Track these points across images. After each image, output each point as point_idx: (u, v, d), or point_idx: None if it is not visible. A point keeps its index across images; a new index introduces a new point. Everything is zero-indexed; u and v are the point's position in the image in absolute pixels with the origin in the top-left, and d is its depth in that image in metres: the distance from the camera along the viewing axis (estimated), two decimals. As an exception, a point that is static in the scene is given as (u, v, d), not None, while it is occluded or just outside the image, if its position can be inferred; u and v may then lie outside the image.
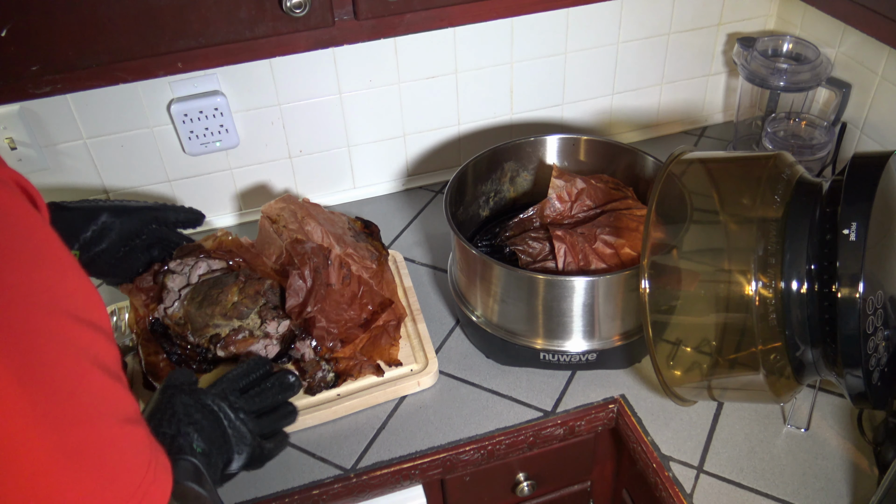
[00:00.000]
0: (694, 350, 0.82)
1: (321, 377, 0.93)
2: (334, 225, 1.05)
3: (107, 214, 0.89)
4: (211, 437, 0.71)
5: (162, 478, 0.49)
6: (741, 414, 0.91)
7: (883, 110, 1.14)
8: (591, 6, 1.22)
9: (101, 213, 0.89)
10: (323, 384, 0.93)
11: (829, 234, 0.71)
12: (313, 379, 0.93)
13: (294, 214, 1.02)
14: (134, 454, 0.47)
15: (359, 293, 0.99)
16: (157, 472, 0.48)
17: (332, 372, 0.94)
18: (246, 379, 0.80)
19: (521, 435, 0.92)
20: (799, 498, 0.81)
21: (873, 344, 0.70)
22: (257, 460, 0.76)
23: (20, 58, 0.76)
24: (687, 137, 1.43)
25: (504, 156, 1.10)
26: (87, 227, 0.88)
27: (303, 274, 0.95)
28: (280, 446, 0.80)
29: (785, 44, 1.23)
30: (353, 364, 0.95)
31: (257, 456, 0.76)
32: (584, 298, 0.89)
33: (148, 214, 0.94)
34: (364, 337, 0.97)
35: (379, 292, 1.01)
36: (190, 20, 0.79)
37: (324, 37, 0.86)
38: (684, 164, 0.84)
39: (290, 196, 1.06)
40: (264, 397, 0.79)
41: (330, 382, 0.93)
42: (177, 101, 1.12)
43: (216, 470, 0.70)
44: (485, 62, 1.24)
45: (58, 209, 0.86)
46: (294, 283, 0.94)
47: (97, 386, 0.45)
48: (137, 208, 0.93)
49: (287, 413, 0.82)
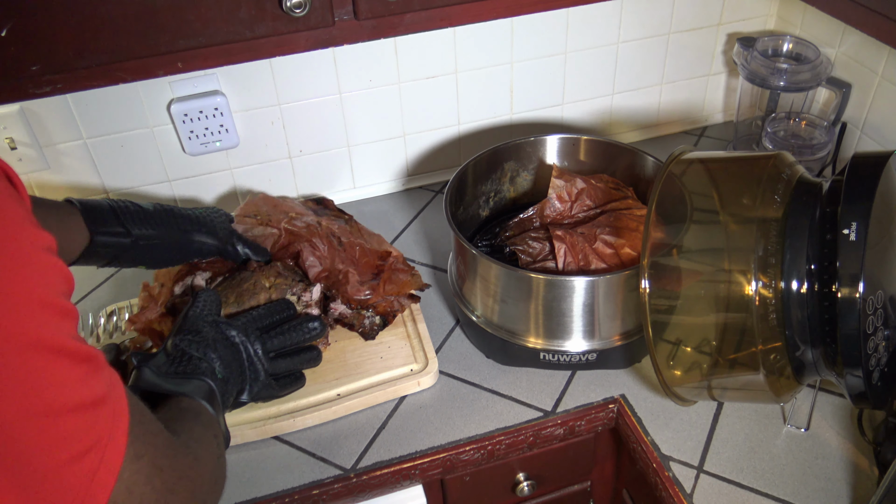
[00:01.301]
0: (694, 350, 0.82)
1: (370, 323, 1.00)
2: (298, 208, 1.10)
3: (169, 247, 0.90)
4: (230, 367, 0.77)
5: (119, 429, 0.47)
6: (741, 414, 0.91)
7: (883, 110, 1.14)
8: (591, 6, 1.22)
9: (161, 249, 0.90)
10: (375, 328, 1.00)
11: (829, 234, 0.71)
12: (364, 327, 0.99)
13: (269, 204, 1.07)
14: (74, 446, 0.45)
15: (356, 254, 1.03)
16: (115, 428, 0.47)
17: (377, 315, 1.00)
18: (270, 318, 0.86)
19: (521, 435, 0.92)
20: (799, 498, 0.81)
21: (873, 344, 0.70)
22: (266, 397, 0.83)
23: (20, 58, 0.76)
24: (687, 137, 1.43)
25: (504, 156, 1.10)
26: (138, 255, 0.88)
27: (313, 244, 0.99)
28: (291, 386, 0.85)
29: (785, 44, 1.23)
30: (390, 302, 1.01)
31: (266, 394, 0.82)
32: (584, 298, 0.89)
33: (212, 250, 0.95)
34: (383, 279, 1.02)
35: (371, 248, 1.05)
36: (190, 20, 0.79)
37: (324, 37, 0.86)
38: (684, 164, 0.84)
39: (251, 199, 1.09)
40: (284, 338, 0.84)
41: (380, 325, 1.00)
42: (177, 101, 1.12)
43: (229, 396, 0.76)
44: (485, 62, 1.24)
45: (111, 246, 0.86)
46: (308, 258, 0.98)
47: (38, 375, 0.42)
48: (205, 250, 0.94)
49: (310, 358, 0.87)
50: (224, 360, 0.76)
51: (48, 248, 0.45)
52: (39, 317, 0.42)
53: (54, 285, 0.44)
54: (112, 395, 0.47)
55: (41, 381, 0.42)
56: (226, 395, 0.75)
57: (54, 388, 0.43)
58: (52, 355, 0.42)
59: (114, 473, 0.46)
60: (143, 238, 0.86)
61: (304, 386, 0.88)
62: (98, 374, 0.46)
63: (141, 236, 0.86)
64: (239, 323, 0.82)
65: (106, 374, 0.47)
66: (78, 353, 0.44)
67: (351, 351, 0.99)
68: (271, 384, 0.82)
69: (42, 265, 0.44)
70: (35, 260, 0.43)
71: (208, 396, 0.71)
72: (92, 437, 0.45)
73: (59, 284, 0.45)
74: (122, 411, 0.48)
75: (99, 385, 0.46)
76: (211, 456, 0.63)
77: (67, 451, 0.43)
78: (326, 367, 0.97)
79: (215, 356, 0.75)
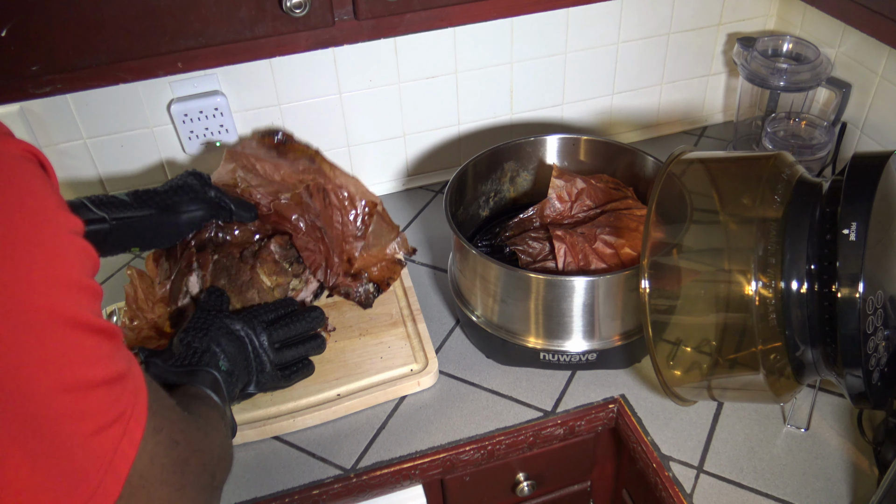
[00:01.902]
0: (694, 350, 0.82)
1: (364, 291, 1.03)
2: (263, 153, 1.05)
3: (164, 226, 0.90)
4: (235, 360, 0.80)
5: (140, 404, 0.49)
6: (741, 414, 0.91)
7: (883, 110, 1.14)
8: (591, 6, 1.22)
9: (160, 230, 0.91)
10: (370, 295, 1.03)
11: (829, 234, 0.71)
12: (360, 295, 1.03)
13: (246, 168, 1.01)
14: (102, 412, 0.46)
15: (339, 202, 1.03)
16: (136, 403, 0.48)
17: (370, 282, 1.03)
18: (274, 313, 0.88)
19: (521, 435, 0.92)
20: (799, 498, 0.81)
21: (873, 344, 0.70)
22: (273, 387, 0.87)
23: (20, 58, 0.76)
24: (687, 137, 1.43)
25: (504, 156, 1.10)
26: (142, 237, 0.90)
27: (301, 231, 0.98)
28: (299, 374, 0.89)
29: (785, 44, 1.23)
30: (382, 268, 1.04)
31: (273, 385, 0.86)
32: (584, 298, 0.89)
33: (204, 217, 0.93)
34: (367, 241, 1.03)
35: (350, 191, 1.04)
36: (190, 20, 0.79)
37: (324, 37, 0.86)
38: (684, 164, 0.84)
39: (229, 152, 1.03)
40: (289, 329, 0.87)
41: (374, 292, 1.04)
42: (177, 101, 1.12)
43: (234, 388, 0.79)
44: (485, 62, 1.24)
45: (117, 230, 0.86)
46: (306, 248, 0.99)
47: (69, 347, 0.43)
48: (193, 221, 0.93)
49: (315, 345, 0.90)
50: (228, 354, 0.79)
51: (77, 231, 0.46)
52: (69, 295, 0.44)
53: (83, 266, 0.46)
54: (132, 370, 0.49)
55: (72, 355, 0.43)
56: (231, 387, 0.78)
57: (84, 363, 0.44)
58: (81, 331, 0.44)
59: (135, 445, 0.47)
60: (122, 220, 0.86)
61: (313, 373, 0.91)
62: (121, 350, 0.48)
63: (120, 218, 0.86)
64: (244, 316, 0.84)
65: (125, 350, 0.49)
66: (104, 329, 0.46)
67: (351, 351, 0.99)
68: (277, 375, 0.85)
69: (72, 246, 0.45)
70: (66, 242, 0.45)
71: (213, 386, 0.74)
72: (117, 410, 0.46)
73: (87, 265, 0.46)
74: (141, 386, 0.49)
75: (122, 360, 0.48)
76: (219, 433, 0.65)
77: (94, 423, 0.45)
78: (326, 367, 0.97)
79: (219, 350, 0.78)
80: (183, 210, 0.91)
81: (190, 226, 0.93)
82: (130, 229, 0.87)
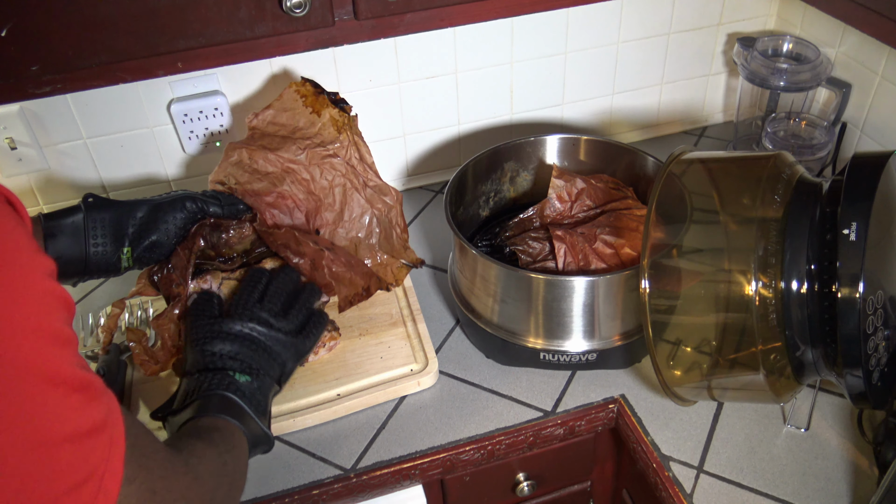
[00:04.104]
0: (694, 350, 0.82)
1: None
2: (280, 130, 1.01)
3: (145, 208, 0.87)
4: (253, 360, 0.76)
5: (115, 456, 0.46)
6: (741, 414, 0.91)
7: (883, 110, 1.14)
8: (591, 6, 1.22)
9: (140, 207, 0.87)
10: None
11: (829, 234, 0.71)
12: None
13: (241, 164, 0.98)
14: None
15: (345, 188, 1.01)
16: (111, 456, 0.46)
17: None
18: (256, 291, 0.84)
19: (521, 435, 0.92)
20: (799, 498, 0.81)
21: (873, 344, 0.70)
22: (305, 352, 0.83)
23: (20, 58, 0.76)
24: (687, 137, 1.43)
25: (504, 156, 1.10)
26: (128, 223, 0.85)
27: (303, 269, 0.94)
28: (318, 327, 0.85)
29: (785, 44, 1.23)
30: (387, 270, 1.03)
31: (304, 349, 0.83)
32: (584, 298, 0.89)
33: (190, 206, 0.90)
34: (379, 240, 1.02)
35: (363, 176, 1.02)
36: (190, 20, 0.79)
37: (324, 36, 0.86)
38: (684, 164, 0.84)
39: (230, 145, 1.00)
40: (279, 293, 0.84)
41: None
42: (177, 101, 1.12)
43: (268, 387, 0.76)
44: (485, 62, 1.24)
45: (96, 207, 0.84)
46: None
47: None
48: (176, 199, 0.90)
49: (310, 293, 0.88)
50: (243, 361, 0.75)
51: (48, 274, 0.44)
52: (37, 346, 0.42)
53: (54, 312, 0.44)
54: (110, 420, 0.46)
55: (37, 411, 0.41)
56: (261, 392, 0.75)
57: (50, 418, 0.42)
58: (48, 385, 0.42)
59: (112, 501, 0.45)
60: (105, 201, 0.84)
61: (328, 321, 0.89)
62: (96, 401, 0.46)
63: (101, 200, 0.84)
64: (236, 311, 0.80)
65: (104, 400, 0.47)
66: (75, 380, 0.44)
67: (351, 351, 0.99)
68: (299, 340, 0.82)
69: (42, 293, 0.43)
70: (34, 288, 0.43)
71: (226, 408, 0.70)
72: (90, 466, 0.44)
73: (59, 311, 0.44)
74: (119, 436, 0.47)
75: (96, 412, 0.45)
76: (213, 474, 0.61)
77: (65, 482, 0.43)
78: (326, 367, 0.97)
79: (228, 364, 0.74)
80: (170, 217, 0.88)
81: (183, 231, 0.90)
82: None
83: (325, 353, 0.98)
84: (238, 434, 0.70)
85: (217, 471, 0.62)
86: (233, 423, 0.69)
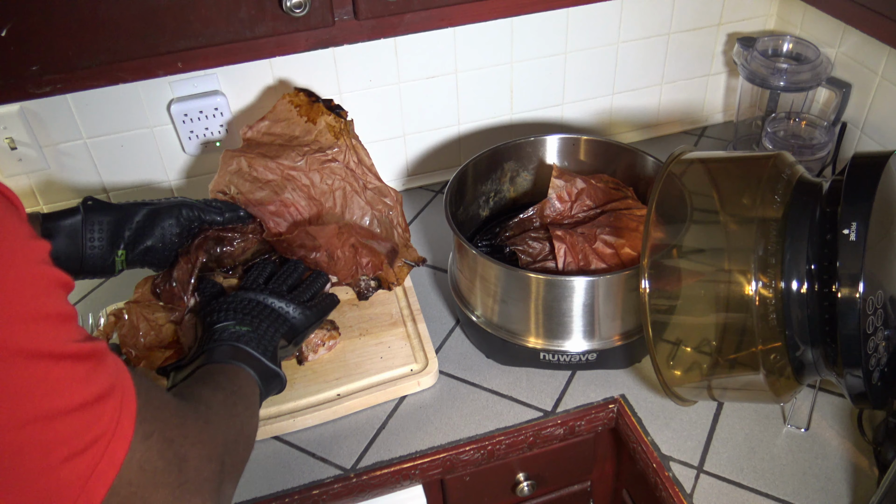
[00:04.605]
0: (694, 350, 0.82)
1: (365, 285, 1.03)
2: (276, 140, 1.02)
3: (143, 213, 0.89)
4: (251, 314, 0.80)
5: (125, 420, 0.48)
6: (741, 414, 0.91)
7: (883, 110, 1.14)
8: (591, 6, 1.22)
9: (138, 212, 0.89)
10: (370, 289, 1.04)
11: (829, 234, 0.71)
12: (360, 286, 1.03)
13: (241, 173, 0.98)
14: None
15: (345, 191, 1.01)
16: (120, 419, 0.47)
17: (372, 279, 1.03)
18: (261, 276, 0.89)
19: (521, 435, 0.92)
20: (799, 498, 0.81)
21: (873, 344, 0.70)
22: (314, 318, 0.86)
23: (20, 58, 0.76)
24: (687, 137, 1.43)
25: (504, 156, 1.10)
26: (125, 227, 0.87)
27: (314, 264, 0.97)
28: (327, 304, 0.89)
29: (785, 44, 1.23)
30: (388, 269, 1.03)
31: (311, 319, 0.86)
32: (584, 298, 0.89)
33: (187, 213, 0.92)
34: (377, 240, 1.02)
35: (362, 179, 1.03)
36: (190, 20, 0.79)
37: (324, 36, 0.86)
38: (684, 164, 0.84)
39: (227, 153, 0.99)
40: (287, 276, 0.89)
41: (374, 287, 1.04)
42: (177, 101, 1.12)
43: (271, 338, 0.79)
44: (485, 62, 1.24)
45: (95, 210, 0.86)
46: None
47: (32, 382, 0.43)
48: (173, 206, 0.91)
49: (317, 281, 0.91)
50: (240, 314, 0.79)
51: (43, 260, 0.46)
52: (33, 328, 0.43)
53: (49, 293, 0.45)
54: (118, 383, 0.48)
55: (35, 388, 0.43)
56: (265, 340, 0.78)
57: (51, 393, 0.43)
58: (48, 362, 0.43)
59: (116, 465, 0.47)
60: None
61: (339, 302, 0.92)
62: (101, 368, 0.47)
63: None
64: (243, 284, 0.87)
65: (110, 363, 0.48)
66: (79, 353, 0.45)
67: (351, 351, 0.99)
68: (306, 308, 0.85)
69: (36, 277, 0.45)
70: (29, 273, 0.44)
71: (233, 354, 0.74)
72: (96, 432, 0.46)
73: (54, 291, 0.46)
74: (129, 398, 0.49)
75: (103, 378, 0.47)
76: (222, 417, 0.63)
77: (64, 451, 0.44)
78: (326, 367, 0.97)
79: (226, 319, 0.78)
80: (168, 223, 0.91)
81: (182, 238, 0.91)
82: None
83: (325, 353, 0.98)
84: (244, 374, 0.72)
85: (227, 412, 0.64)
86: (239, 365, 0.72)
